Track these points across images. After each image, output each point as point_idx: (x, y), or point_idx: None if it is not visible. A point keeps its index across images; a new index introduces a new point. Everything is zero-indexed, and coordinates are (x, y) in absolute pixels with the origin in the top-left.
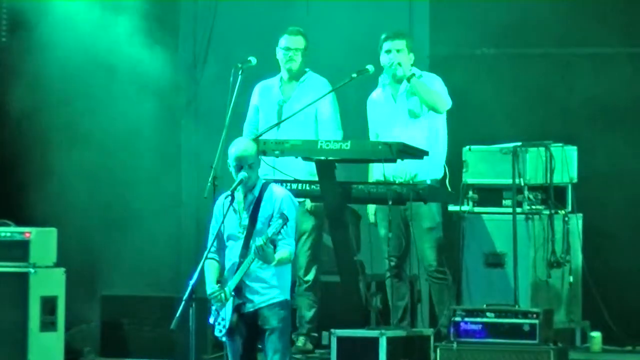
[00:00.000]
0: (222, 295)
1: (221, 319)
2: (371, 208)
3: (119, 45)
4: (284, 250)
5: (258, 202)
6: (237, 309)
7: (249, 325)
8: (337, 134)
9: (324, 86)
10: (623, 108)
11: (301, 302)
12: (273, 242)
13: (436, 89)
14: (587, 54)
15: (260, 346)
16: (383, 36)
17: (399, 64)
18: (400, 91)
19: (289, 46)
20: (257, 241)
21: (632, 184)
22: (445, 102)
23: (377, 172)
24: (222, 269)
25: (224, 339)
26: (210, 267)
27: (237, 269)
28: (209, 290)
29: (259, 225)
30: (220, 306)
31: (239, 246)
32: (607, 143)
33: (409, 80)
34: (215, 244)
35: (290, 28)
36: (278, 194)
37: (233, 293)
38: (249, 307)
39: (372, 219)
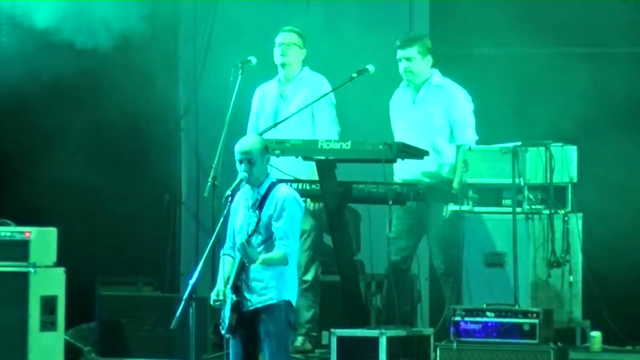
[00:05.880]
0: (221, 294)
1: (224, 317)
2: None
3: (118, 43)
4: (278, 250)
5: (263, 200)
6: (235, 307)
7: (249, 327)
8: (333, 129)
9: (319, 82)
10: (623, 107)
11: (299, 302)
12: (273, 243)
13: (459, 109)
14: (588, 53)
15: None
16: (396, 44)
17: (411, 72)
18: (420, 96)
19: (282, 41)
20: (240, 240)
21: (632, 184)
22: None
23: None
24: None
25: (227, 336)
26: (223, 265)
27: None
28: (212, 294)
29: (261, 224)
30: (223, 304)
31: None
32: (607, 142)
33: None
34: (230, 240)
35: (286, 26)
36: (281, 193)
37: (231, 291)
38: (248, 306)
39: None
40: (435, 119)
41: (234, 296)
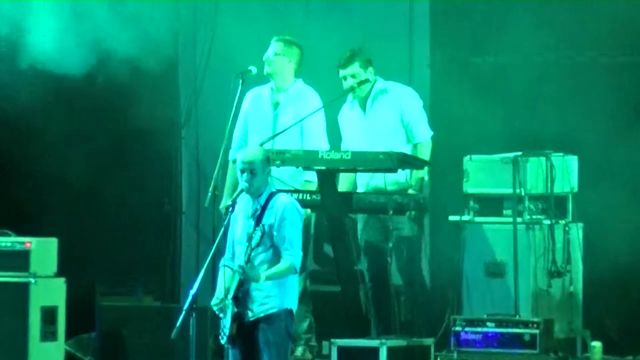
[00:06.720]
0: (221, 305)
1: (224, 327)
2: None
3: (117, 51)
4: (284, 262)
5: (263, 210)
6: (236, 317)
7: (248, 337)
8: (321, 146)
9: (310, 96)
10: (625, 117)
11: None
12: (278, 252)
13: (410, 108)
14: (589, 61)
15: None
16: (336, 64)
17: (357, 87)
18: (368, 106)
19: (267, 52)
20: (239, 262)
21: (633, 194)
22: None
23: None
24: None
25: (227, 346)
26: (223, 276)
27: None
28: (213, 300)
29: (264, 236)
30: (223, 314)
31: (243, 253)
32: (608, 152)
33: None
34: (230, 251)
35: (277, 36)
36: (281, 202)
37: (232, 301)
38: (249, 316)
39: None
40: (389, 124)
41: (234, 307)
